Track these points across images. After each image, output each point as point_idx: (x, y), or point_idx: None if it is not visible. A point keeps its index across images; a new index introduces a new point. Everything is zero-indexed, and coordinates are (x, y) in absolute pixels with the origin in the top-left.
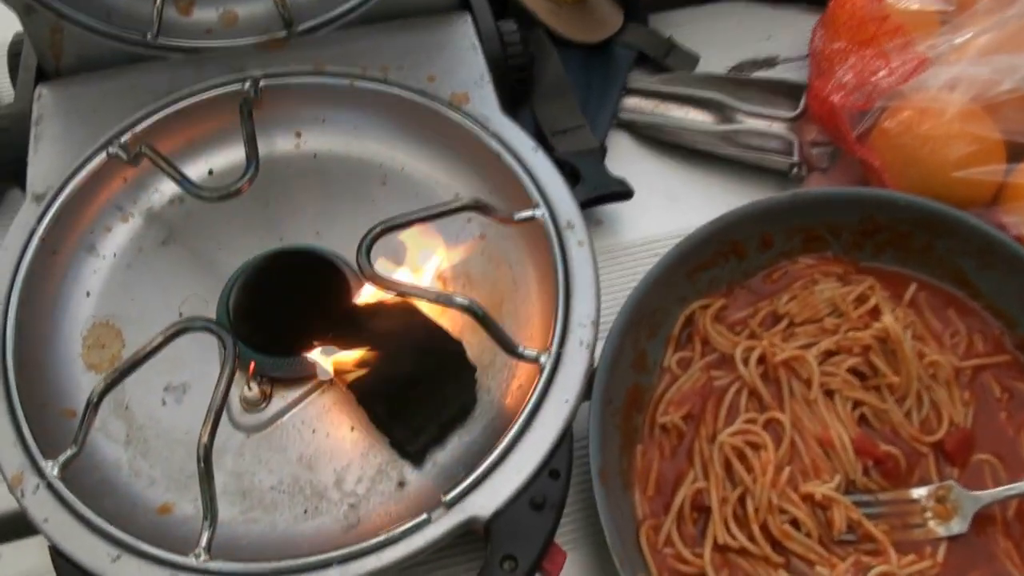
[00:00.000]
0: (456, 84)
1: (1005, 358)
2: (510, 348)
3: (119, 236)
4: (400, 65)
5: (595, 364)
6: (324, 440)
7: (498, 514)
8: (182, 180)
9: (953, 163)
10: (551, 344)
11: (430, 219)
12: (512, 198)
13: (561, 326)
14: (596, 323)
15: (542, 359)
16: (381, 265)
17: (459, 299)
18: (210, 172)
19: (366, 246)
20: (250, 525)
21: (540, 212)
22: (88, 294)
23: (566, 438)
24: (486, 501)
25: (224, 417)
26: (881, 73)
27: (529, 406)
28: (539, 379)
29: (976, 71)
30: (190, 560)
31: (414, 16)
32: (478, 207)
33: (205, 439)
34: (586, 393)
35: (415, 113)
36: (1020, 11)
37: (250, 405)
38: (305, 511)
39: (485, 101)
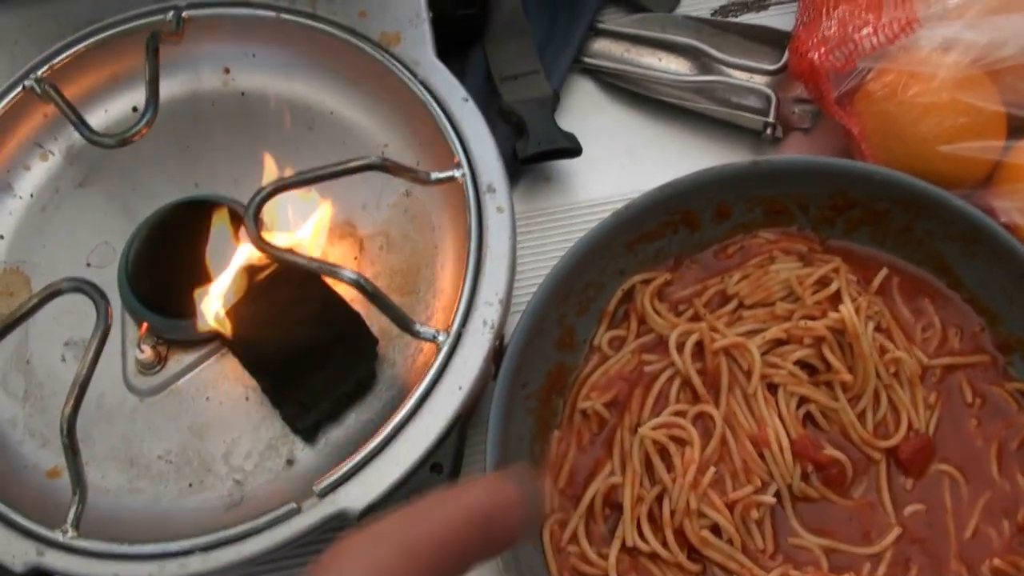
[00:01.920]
0: (388, 21)
1: (982, 358)
2: (405, 325)
3: (37, 175)
4: None
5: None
6: (217, 409)
7: (371, 508)
8: (78, 124)
9: (940, 135)
10: (452, 323)
11: (328, 178)
12: (438, 153)
13: (466, 303)
14: (506, 301)
15: (440, 339)
16: (286, 222)
17: (346, 273)
18: (134, 109)
19: (254, 207)
20: (135, 496)
21: (460, 172)
22: (1, 237)
23: (454, 430)
24: (360, 494)
25: (119, 378)
26: (865, 31)
27: (419, 391)
28: (435, 361)
29: (977, 32)
30: (56, 535)
31: None
32: (384, 166)
33: (68, 411)
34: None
35: (343, 53)
36: None
37: (144, 367)
38: (190, 484)
39: (417, 42)
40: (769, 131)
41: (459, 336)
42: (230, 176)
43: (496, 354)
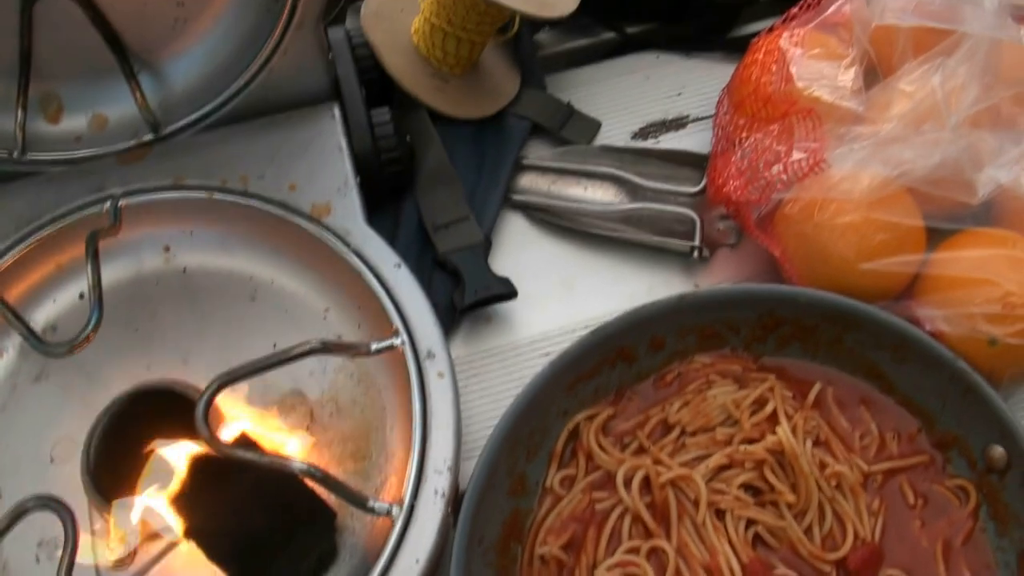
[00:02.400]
0: (318, 193)
1: (921, 459)
2: (359, 504)
3: None
4: (262, 173)
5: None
6: None
7: None
8: (27, 335)
9: (861, 253)
10: (404, 495)
11: (274, 367)
12: (379, 317)
13: (416, 473)
14: (455, 468)
15: (394, 513)
16: (235, 406)
17: (297, 464)
18: (81, 296)
19: (203, 407)
20: None
21: (399, 340)
22: None
23: None
24: None
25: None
26: (775, 168)
27: (379, 568)
28: (391, 535)
29: (882, 163)
30: None
31: (283, 111)
32: (325, 350)
33: None
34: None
35: (277, 226)
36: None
37: (115, 564)
38: None
39: (348, 211)
40: (696, 254)
41: (412, 509)
42: (179, 354)
43: (453, 510)
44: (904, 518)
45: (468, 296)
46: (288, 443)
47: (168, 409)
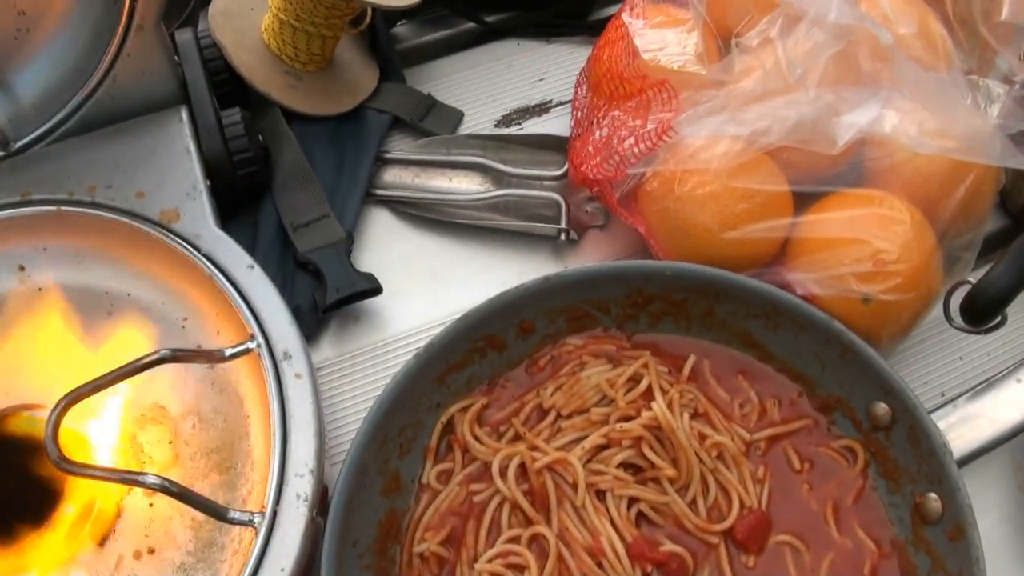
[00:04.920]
0: (166, 199)
1: (804, 423)
2: (220, 516)
3: None
4: (110, 183)
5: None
6: None
7: None
8: None
9: (724, 222)
10: (266, 502)
11: (121, 378)
12: (234, 324)
13: (277, 478)
14: (317, 471)
15: (255, 520)
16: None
17: (151, 479)
18: None
19: (51, 426)
20: None
21: (254, 343)
22: None
23: None
24: None
25: None
26: (628, 142)
27: None
28: (254, 545)
29: (738, 124)
30: None
31: (133, 117)
32: (174, 358)
33: None
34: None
35: (126, 236)
36: (774, 64)
37: None
38: None
39: (197, 216)
40: (563, 236)
41: (274, 515)
42: (39, 377)
43: (321, 515)
44: (791, 483)
45: (330, 295)
46: (150, 459)
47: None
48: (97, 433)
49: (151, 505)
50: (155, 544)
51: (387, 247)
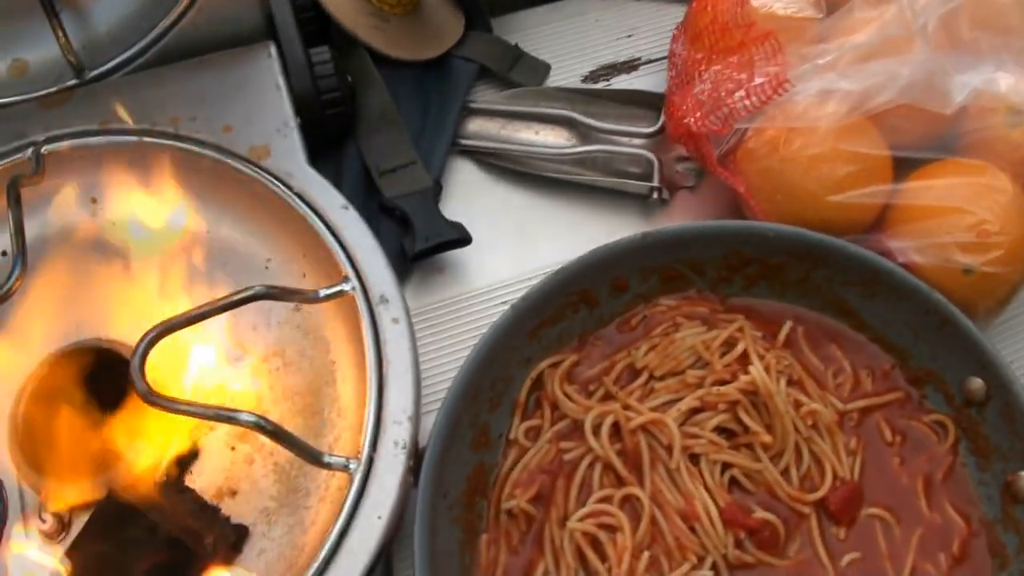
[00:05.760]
0: (256, 135)
1: (897, 395)
2: (314, 458)
3: None
4: (194, 115)
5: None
6: None
7: None
8: None
9: (828, 186)
10: (362, 448)
11: (213, 314)
12: (325, 264)
13: (373, 424)
14: (415, 417)
15: (351, 466)
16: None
17: (245, 416)
18: (3, 254)
19: (139, 358)
20: None
21: (349, 286)
22: None
23: (379, 561)
24: None
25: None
26: (738, 94)
27: (336, 528)
28: (349, 491)
29: (851, 81)
30: None
31: (215, 51)
32: (269, 295)
33: None
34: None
35: (213, 171)
36: (896, 13)
37: (49, 538)
38: None
39: (289, 153)
40: (655, 195)
41: (371, 462)
42: (110, 312)
43: (413, 466)
44: (883, 456)
45: (419, 242)
46: (233, 401)
47: (101, 370)
48: (181, 370)
49: (233, 449)
50: (236, 486)
51: (471, 199)
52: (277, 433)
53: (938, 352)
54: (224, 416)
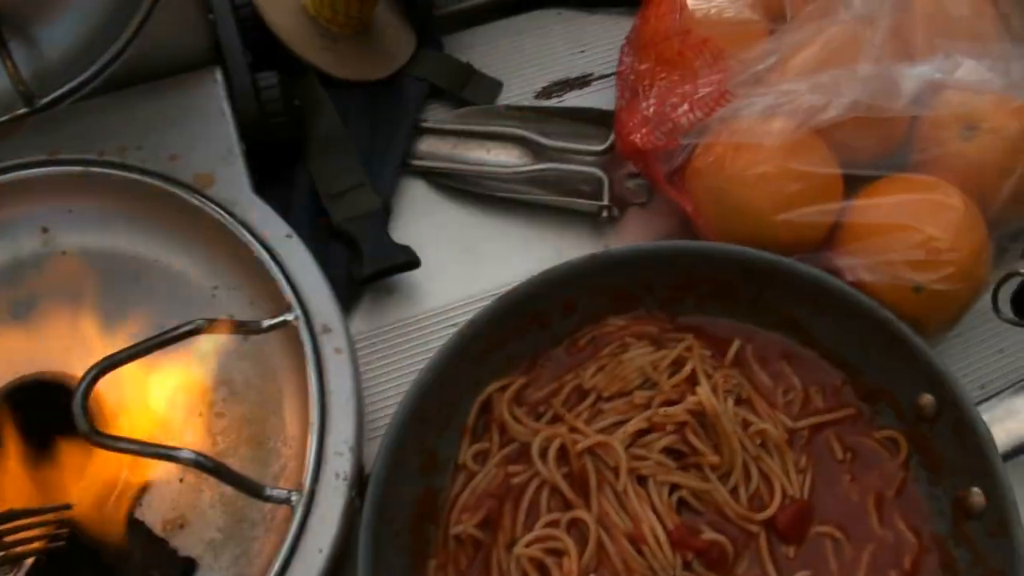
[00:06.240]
0: (201, 162)
1: (848, 412)
2: (255, 493)
3: None
4: (140, 144)
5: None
6: None
7: None
8: None
9: (776, 204)
10: (304, 480)
11: (155, 348)
12: (271, 292)
13: (315, 456)
14: (357, 449)
15: (293, 499)
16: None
17: (184, 454)
18: None
19: (79, 398)
20: None
21: (292, 315)
22: None
23: None
24: None
25: None
26: (682, 108)
27: (279, 560)
28: (291, 524)
29: (796, 96)
30: None
31: (164, 77)
32: (211, 328)
33: None
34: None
35: (158, 200)
36: (846, 19)
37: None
38: None
39: (233, 180)
40: (605, 213)
41: (312, 494)
42: (61, 343)
43: (359, 492)
44: (833, 473)
45: (367, 267)
46: (181, 430)
47: (48, 405)
48: (125, 404)
49: (181, 480)
50: (184, 518)
51: (422, 219)
52: (218, 471)
53: (889, 369)
54: (165, 454)
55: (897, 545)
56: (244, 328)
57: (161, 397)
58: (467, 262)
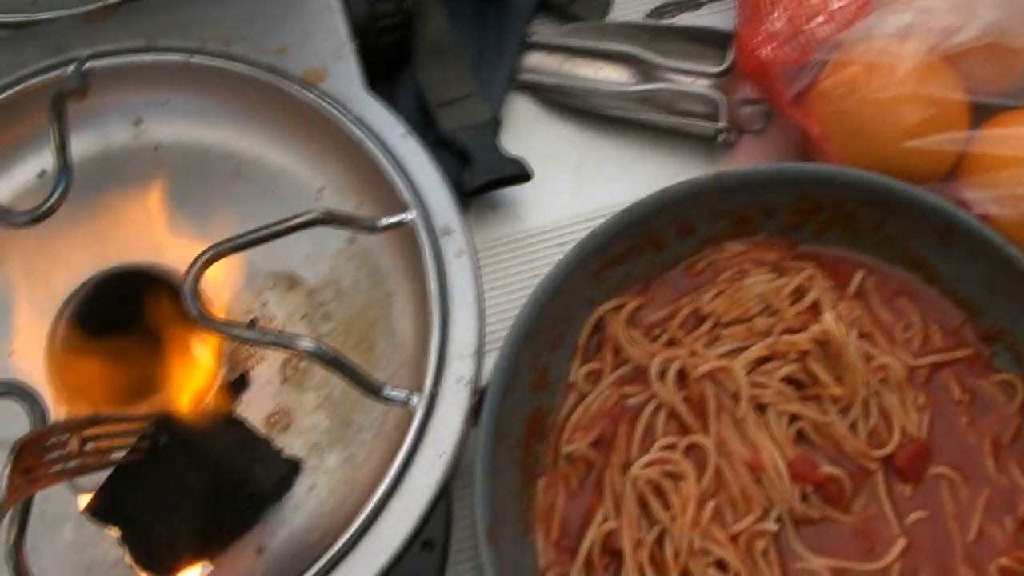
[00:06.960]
0: (311, 57)
1: (966, 352)
2: (373, 390)
3: None
4: (246, 35)
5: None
6: None
7: None
8: None
9: (906, 131)
10: (424, 382)
11: (269, 239)
12: (384, 193)
13: (436, 359)
14: (479, 353)
15: (413, 401)
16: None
17: (303, 343)
18: (40, 174)
19: (192, 280)
20: None
21: (410, 216)
22: None
23: (441, 500)
24: None
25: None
26: (818, 19)
27: (397, 463)
28: (410, 427)
29: (934, 15)
30: None
31: None
32: (329, 220)
33: (13, 537)
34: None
35: (265, 94)
36: None
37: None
38: None
39: (346, 76)
40: (722, 137)
41: (433, 397)
42: (152, 238)
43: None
44: (951, 414)
45: (478, 176)
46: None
47: (146, 295)
48: (225, 299)
49: (284, 380)
50: (287, 419)
51: (529, 136)
52: (338, 363)
53: (1012, 310)
54: (282, 341)
55: (1012, 491)
56: (362, 224)
57: (263, 294)
58: (574, 181)
